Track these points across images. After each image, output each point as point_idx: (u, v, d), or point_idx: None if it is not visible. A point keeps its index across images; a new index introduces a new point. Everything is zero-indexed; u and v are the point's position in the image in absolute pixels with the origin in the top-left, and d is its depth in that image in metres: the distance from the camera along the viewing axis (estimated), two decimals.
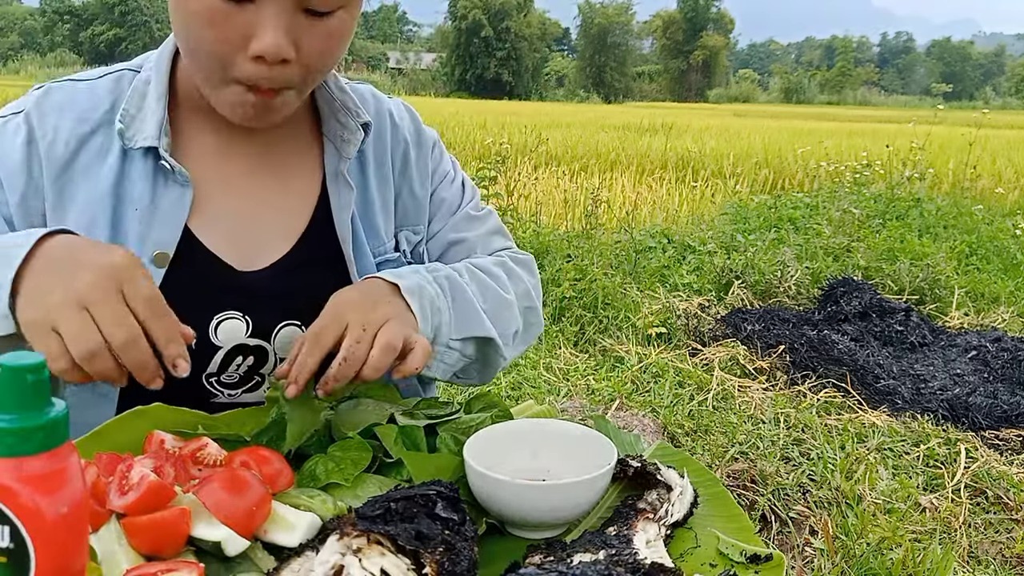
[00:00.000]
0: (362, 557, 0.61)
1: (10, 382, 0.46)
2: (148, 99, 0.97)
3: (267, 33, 0.84)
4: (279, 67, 0.86)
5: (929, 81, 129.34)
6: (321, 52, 0.89)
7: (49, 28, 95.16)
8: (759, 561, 0.72)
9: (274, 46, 0.84)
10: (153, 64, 1.00)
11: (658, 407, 3.33)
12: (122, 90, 1.00)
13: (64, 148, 0.96)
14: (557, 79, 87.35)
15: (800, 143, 13.13)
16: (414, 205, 1.15)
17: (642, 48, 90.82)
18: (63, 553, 0.49)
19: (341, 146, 1.06)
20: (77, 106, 0.98)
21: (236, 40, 0.85)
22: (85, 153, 0.97)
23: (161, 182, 0.97)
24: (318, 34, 0.88)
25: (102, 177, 0.96)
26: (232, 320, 0.99)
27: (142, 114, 0.96)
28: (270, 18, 0.84)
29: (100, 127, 0.98)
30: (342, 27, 0.90)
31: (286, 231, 1.04)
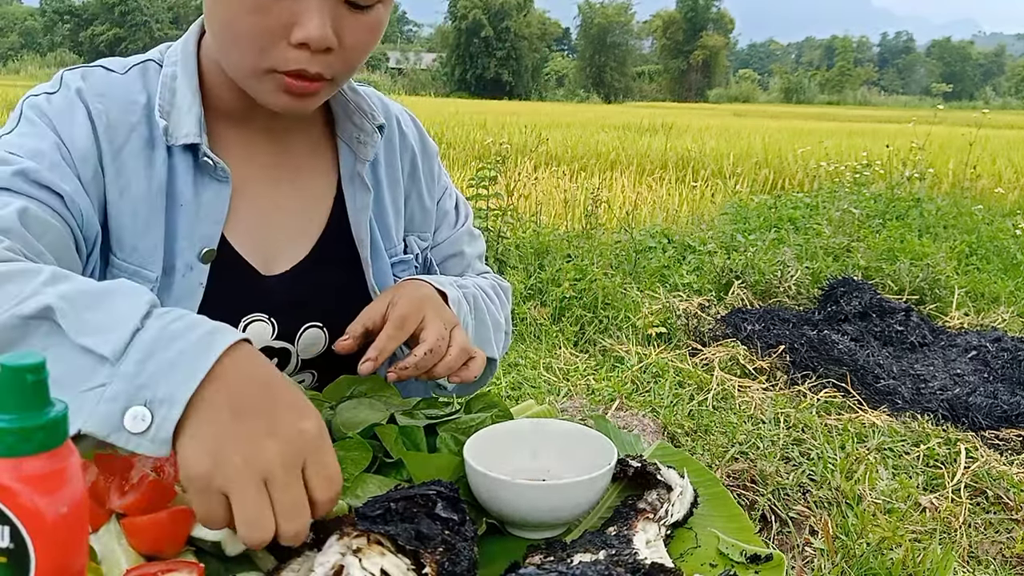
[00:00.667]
0: (362, 557, 0.61)
1: (10, 382, 0.46)
2: (178, 95, 0.97)
3: (312, 20, 0.84)
4: (320, 56, 0.87)
5: (929, 81, 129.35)
6: (360, 45, 0.90)
7: (49, 28, 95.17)
8: (759, 561, 0.72)
9: (320, 33, 0.85)
10: (178, 59, 0.99)
11: (658, 407, 3.33)
12: (151, 83, 0.99)
13: (115, 134, 0.94)
14: (557, 79, 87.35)
15: (800, 143, 13.13)
16: (421, 212, 1.16)
17: (642, 48, 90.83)
18: (63, 553, 0.49)
19: (357, 148, 1.06)
20: (118, 94, 0.96)
21: (279, 28, 0.86)
22: (134, 142, 0.95)
23: (200, 177, 0.97)
24: (358, 27, 0.89)
25: (155, 171, 0.95)
26: (258, 323, 1.00)
27: (176, 110, 0.96)
28: (315, 6, 0.85)
29: (142, 119, 0.97)
30: (380, 21, 0.91)
31: (303, 234, 1.04)
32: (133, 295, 0.69)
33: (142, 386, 0.63)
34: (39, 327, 0.67)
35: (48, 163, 0.89)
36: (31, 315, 0.67)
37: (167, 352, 0.64)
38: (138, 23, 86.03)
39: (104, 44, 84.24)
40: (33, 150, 0.89)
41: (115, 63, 1.01)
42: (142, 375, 0.63)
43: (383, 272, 1.08)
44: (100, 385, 0.63)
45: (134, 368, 0.63)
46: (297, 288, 1.02)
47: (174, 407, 0.62)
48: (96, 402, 0.63)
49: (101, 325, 0.66)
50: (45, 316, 0.67)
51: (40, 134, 0.91)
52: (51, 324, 0.67)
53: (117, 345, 0.64)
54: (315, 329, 1.04)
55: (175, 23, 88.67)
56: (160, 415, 0.62)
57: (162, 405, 0.62)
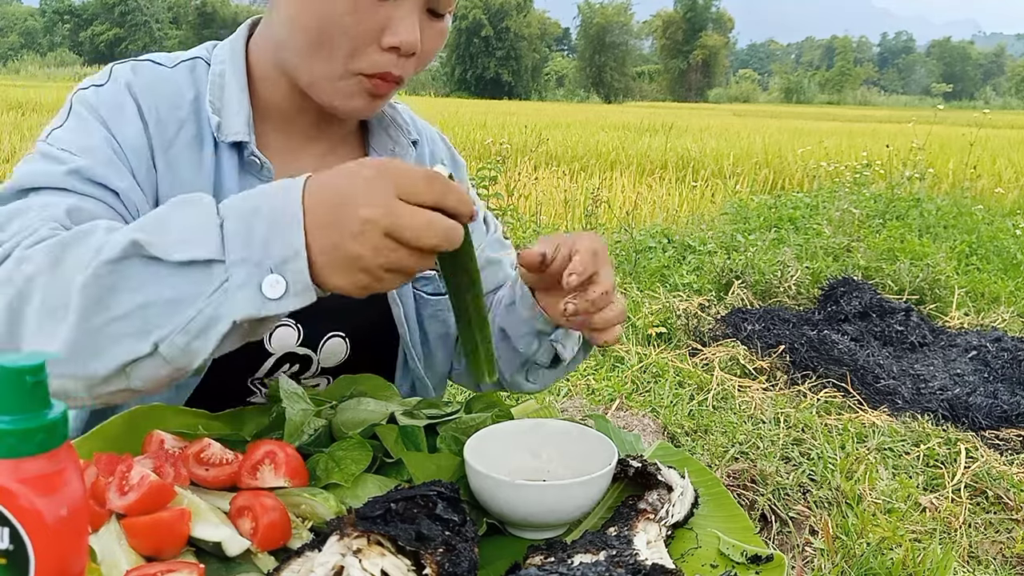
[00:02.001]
0: (362, 558, 0.61)
1: (9, 383, 0.46)
2: (228, 92, 0.98)
3: (405, 26, 0.89)
4: (404, 60, 0.91)
5: (929, 81, 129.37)
6: (432, 50, 0.95)
7: (49, 28, 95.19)
8: (760, 562, 0.72)
9: (412, 38, 0.89)
10: (227, 59, 1.00)
11: (658, 407, 3.33)
12: (199, 80, 0.99)
13: (165, 129, 0.95)
14: (557, 79, 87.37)
15: (800, 143, 13.14)
16: None
17: (642, 48, 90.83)
18: (63, 554, 0.48)
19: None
20: (168, 90, 0.97)
21: (372, 31, 0.89)
22: (182, 137, 0.96)
23: (244, 176, 0.98)
24: (433, 33, 0.94)
25: (204, 167, 0.96)
26: (286, 327, 1.01)
27: (226, 108, 0.97)
28: (408, 13, 0.89)
29: (190, 115, 0.97)
30: (447, 29, 0.96)
31: None
32: (192, 204, 0.72)
33: (259, 262, 0.68)
34: (129, 265, 0.69)
35: (101, 159, 0.89)
36: (119, 257, 0.69)
37: (259, 225, 0.68)
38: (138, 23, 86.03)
39: (104, 44, 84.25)
40: (85, 146, 0.89)
41: (163, 58, 1.01)
42: (253, 253, 0.68)
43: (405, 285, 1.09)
44: (223, 282, 0.68)
45: (242, 253, 0.68)
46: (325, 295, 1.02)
47: (298, 258, 0.68)
48: (230, 295, 0.68)
49: (186, 239, 0.69)
50: (132, 253, 0.69)
51: (91, 129, 0.91)
52: (139, 258, 0.69)
53: (214, 245, 0.68)
54: (337, 339, 1.04)
55: (175, 23, 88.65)
56: (290, 271, 0.68)
57: (286, 263, 0.68)
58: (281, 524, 0.70)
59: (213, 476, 0.76)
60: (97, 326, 0.69)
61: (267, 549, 0.69)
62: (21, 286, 0.71)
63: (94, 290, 0.69)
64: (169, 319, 0.69)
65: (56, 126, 0.93)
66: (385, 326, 1.09)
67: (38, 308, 0.70)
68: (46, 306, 0.70)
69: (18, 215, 0.81)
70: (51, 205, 0.82)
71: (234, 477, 0.77)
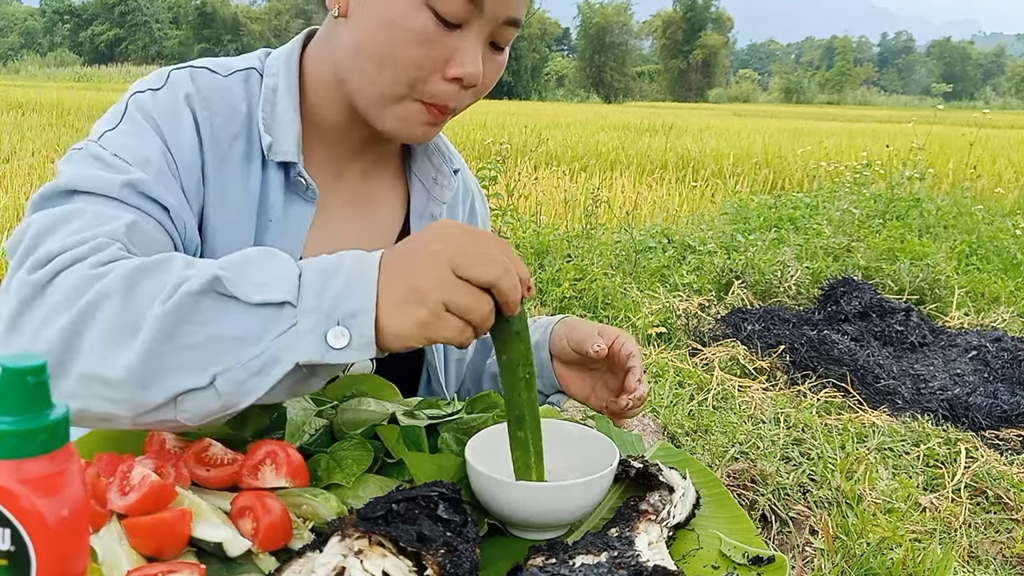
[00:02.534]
0: (364, 559, 0.61)
1: (11, 384, 0.46)
2: (279, 109, 0.97)
3: (470, 58, 0.89)
4: (464, 91, 0.92)
5: (929, 81, 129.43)
6: (490, 83, 0.96)
7: (49, 28, 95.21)
8: (761, 563, 0.72)
9: (476, 71, 0.90)
10: (281, 71, 0.99)
11: (658, 407, 3.33)
12: (252, 92, 0.98)
13: (218, 143, 0.94)
14: (557, 79, 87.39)
15: (800, 143, 13.14)
16: None
17: (642, 48, 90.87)
18: (64, 556, 0.48)
19: (432, 188, 1.09)
20: (224, 102, 0.96)
21: (438, 61, 0.89)
22: (234, 152, 0.95)
23: (290, 195, 0.97)
24: (493, 66, 0.94)
25: (251, 185, 0.95)
26: None
27: (277, 124, 0.96)
28: (473, 45, 0.89)
29: (242, 129, 0.96)
30: (505, 61, 0.96)
31: None
32: (273, 256, 0.75)
33: (328, 312, 0.72)
34: (205, 299, 0.71)
35: (155, 172, 0.87)
36: (200, 290, 0.71)
37: (336, 281, 0.72)
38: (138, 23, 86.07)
39: (104, 44, 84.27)
40: (141, 156, 0.88)
41: (218, 65, 0.99)
42: (325, 304, 0.72)
43: None
44: (291, 325, 0.71)
45: (315, 302, 0.72)
46: None
47: (367, 313, 0.72)
48: (295, 339, 0.71)
49: (264, 282, 0.72)
50: (211, 288, 0.72)
51: (147, 138, 0.90)
52: (216, 294, 0.72)
53: (291, 290, 0.72)
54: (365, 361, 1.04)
55: (175, 23, 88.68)
56: (356, 326, 0.72)
57: (355, 317, 0.72)
58: (282, 524, 0.70)
59: (214, 476, 0.76)
60: (161, 354, 0.70)
61: (268, 550, 0.69)
62: (89, 305, 0.71)
63: (169, 320, 0.70)
64: (232, 355, 0.71)
65: (109, 128, 0.90)
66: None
67: (103, 330, 0.71)
68: (113, 330, 0.71)
69: (69, 219, 0.80)
70: (107, 217, 0.81)
71: (235, 477, 0.77)
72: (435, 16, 0.87)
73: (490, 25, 0.89)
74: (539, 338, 1.13)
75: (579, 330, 1.06)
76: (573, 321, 1.10)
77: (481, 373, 1.22)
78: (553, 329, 1.11)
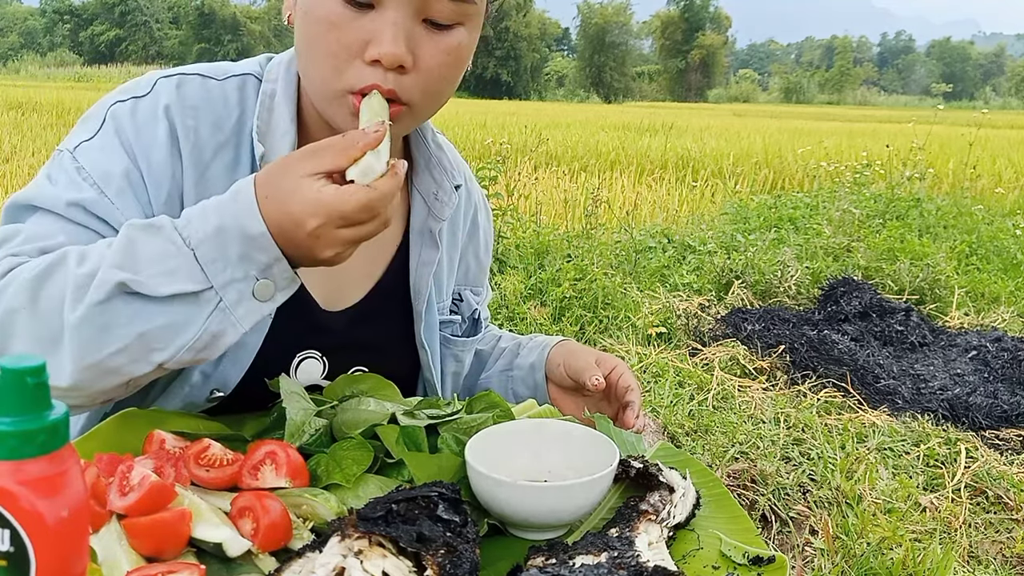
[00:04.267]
0: (364, 559, 0.61)
1: (11, 385, 0.46)
2: (276, 116, 0.95)
3: (385, 37, 0.84)
4: (394, 74, 0.86)
5: (929, 81, 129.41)
6: (439, 66, 0.88)
7: (49, 28, 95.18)
8: (761, 563, 0.72)
9: (392, 49, 0.84)
10: (280, 78, 0.97)
11: (658, 407, 3.33)
12: (247, 99, 0.96)
13: (202, 154, 0.93)
14: (557, 79, 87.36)
15: (800, 143, 13.13)
16: (477, 267, 1.18)
17: (642, 48, 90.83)
18: (63, 556, 0.48)
19: (433, 204, 1.06)
20: (212, 110, 0.94)
21: (356, 45, 0.85)
22: (219, 161, 0.94)
23: None
24: (436, 47, 0.87)
25: None
26: (312, 360, 1.01)
27: (272, 132, 0.94)
28: (389, 24, 0.84)
29: (231, 137, 0.95)
30: (461, 45, 0.89)
31: (363, 278, 1.04)
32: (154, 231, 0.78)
33: (245, 275, 0.77)
34: (117, 304, 0.75)
35: (114, 190, 0.88)
36: (104, 299, 0.74)
37: (232, 244, 0.76)
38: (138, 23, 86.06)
39: (104, 44, 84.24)
40: (104, 172, 0.88)
41: (214, 70, 0.98)
42: (236, 272, 0.77)
43: (431, 328, 1.09)
44: (218, 303, 0.77)
45: (227, 274, 0.76)
46: (351, 329, 1.03)
47: (279, 262, 0.77)
48: (229, 313, 0.77)
49: (166, 271, 0.76)
50: (118, 292, 0.75)
51: (114, 154, 0.90)
52: (125, 296, 0.75)
53: (197, 276, 0.76)
54: (360, 372, 1.04)
55: (175, 23, 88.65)
56: (275, 274, 0.78)
57: (270, 268, 0.77)
58: (282, 525, 0.70)
59: (214, 477, 0.76)
60: (96, 361, 0.75)
61: (268, 550, 0.69)
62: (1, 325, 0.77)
63: (87, 331, 0.74)
64: (170, 342, 0.76)
65: (86, 137, 0.91)
66: (404, 364, 1.10)
67: (26, 345, 0.75)
68: (36, 343, 0.75)
69: (5, 241, 0.84)
70: (41, 238, 0.84)
71: (235, 478, 0.77)
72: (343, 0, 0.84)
73: (412, 1, 0.84)
74: (535, 359, 1.13)
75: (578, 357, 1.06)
76: (571, 347, 1.10)
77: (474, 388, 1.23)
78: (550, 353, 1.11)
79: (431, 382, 1.11)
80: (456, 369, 1.16)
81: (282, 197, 0.76)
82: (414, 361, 1.10)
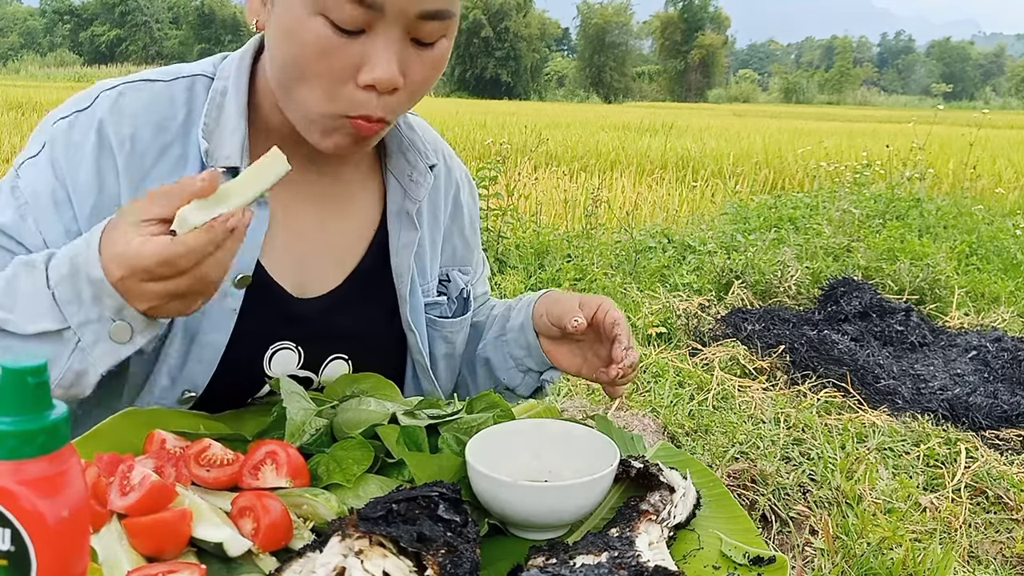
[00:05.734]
0: (364, 559, 0.61)
1: (11, 384, 0.46)
2: (226, 113, 0.95)
3: (380, 63, 0.83)
4: (386, 96, 0.86)
5: (929, 81, 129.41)
6: (423, 81, 0.89)
7: (49, 28, 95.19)
8: (762, 563, 0.72)
9: (387, 75, 0.83)
10: (232, 75, 0.97)
11: (658, 407, 3.33)
12: (196, 98, 0.96)
13: (142, 159, 0.93)
14: (557, 79, 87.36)
15: (800, 143, 13.14)
16: (464, 246, 1.17)
17: (642, 48, 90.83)
18: (64, 556, 0.48)
19: (408, 185, 1.06)
20: (155, 113, 0.94)
21: (347, 70, 0.84)
22: (163, 163, 0.94)
23: None
24: (423, 63, 0.87)
25: None
26: (286, 351, 1.00)
27: (220, 129, 0.94)
28: (382, 48, 0.83)
29: (177, 137, 0.94)
30: (443, 56, 0.90)
31: (340, 263, 1.04)
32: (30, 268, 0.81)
33: (99, 317, 0.79)
34: None
35: (40, 210, 0.90)
36: None
37: (83, 286, 0.78)
38: (138, 23, 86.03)
39: (104, 44, 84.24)
40: (34, 192, 0.91)
41: (164, 72, 0.98)
42: (90, 313, 0.79)
43: (417, 310, 1.08)
44: (77, 343, 0.80)
45: (81, 316, 0.79)
46: (327, 317, 1.02)
47: (126, 307, 0.79)
48: (88, 352, 0.80)
49: (32, 311, 0.80)
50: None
51: (46, 172, 0.91)
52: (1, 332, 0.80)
53: (56, 315, 0.79)
54: (339, 361, 1.04)
55: (175, 23, 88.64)
56: (128, 317, 0.79)
57: (122, 311, 0.79)
58: (283, 525, 0.70)
59: (214, 477, 0.76)
60: None
61: (269, 550, 0.69)
62: None
63: None
64: None
65: (31, 154, 0.93)
66: (390, 349, 1.09)
67: None
68: None
69: None
70: None
71: (235, 477, 0.77)
72: (331, 24, 0.82)
73: (400, 23, 0.83)
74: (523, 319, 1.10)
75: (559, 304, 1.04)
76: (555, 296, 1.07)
77: (474, 360, 1.21)
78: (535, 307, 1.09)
79: (422, 364, 1.10)
80: (448, 351, 1.15)
81: (108, 243, 0.77)
82: (400, 345, 1.09)
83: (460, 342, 1.17)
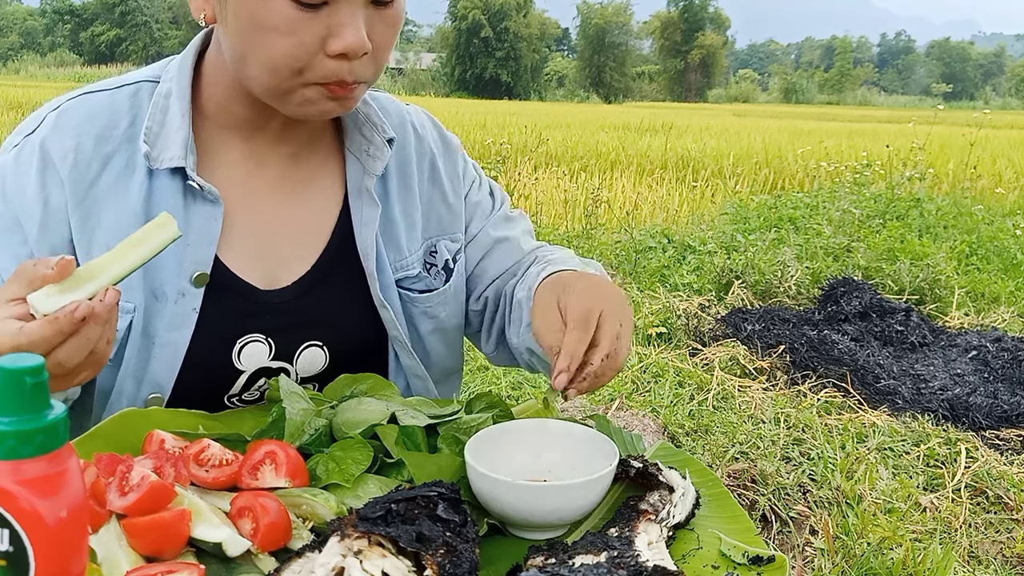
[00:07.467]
0: (363, 559, 0.61)
1: (9, 384, 0.46)
2: (170, 114, 0.95)
3: (348, 31, 0.85)
4: (358, 61, 0.88)
5: (929, 81, 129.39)
6: (386, 41, 0.92)
7: (49, 28, 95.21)
8: (761, 563, 0.72)
9: (357, 41, 0.86)
10: (174, 76, 0.97)
11: (658, 407, 3.33)
12: (141, 104, 0.97)
13: (86, 169, 0.93)
14: (557, 79, 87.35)
15: (800, 143, 13.13)
16: (448, 213, 1.13)
17: (642, 48, 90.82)
18: (63, 556, 0.48)
19: (366, 161, 1.05)
20: (96, 123, 0.95)
21: (314, 43, 0.86)
22: (108, 172, 0.94)
23: (191, 200, 0.95)
24: (383, 24, 0.90)
25: (130, 197, 0.94)
26: (255, 343, 0.99)
27: (165, 131, 0.94)
28: (347, 16, 0.85)
29: (121, 145, 0.95)
30: (400, 14, 0.92)
31: (307, 249, 1.03)
32: None
33: None
34: None
35: None
36: None
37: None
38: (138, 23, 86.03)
39: (104, 44, 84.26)
40: None
41: (108, 82, 1.00)
42: None
43: (388, 288, 1.06)
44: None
45: None
46: (298, 305, 1.01)
47: None
48: None
49: None
50: None
51: None
52: None
53: None
54: (315, 348, 1.02)
55: (175, 23, 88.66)
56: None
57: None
58: (282, 525, 0.70)
59: (213, 477, 0.76)
60: None
61: (268, 550, 0.69)
62: None
63: None
64: None
65: None
66: (367, 329, 1.06)
67: None
68: None
69: None
70: None
71: (234, 477, 0.77)
72: (294, 2, 0.83)
73: None
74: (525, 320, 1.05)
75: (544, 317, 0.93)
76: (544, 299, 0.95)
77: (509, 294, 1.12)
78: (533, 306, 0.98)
79: (399, 339, 1.07)
80: (435, 326, 1.11)
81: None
82: (378, 325, 1.07)
83: (448, 315, 1.12)
